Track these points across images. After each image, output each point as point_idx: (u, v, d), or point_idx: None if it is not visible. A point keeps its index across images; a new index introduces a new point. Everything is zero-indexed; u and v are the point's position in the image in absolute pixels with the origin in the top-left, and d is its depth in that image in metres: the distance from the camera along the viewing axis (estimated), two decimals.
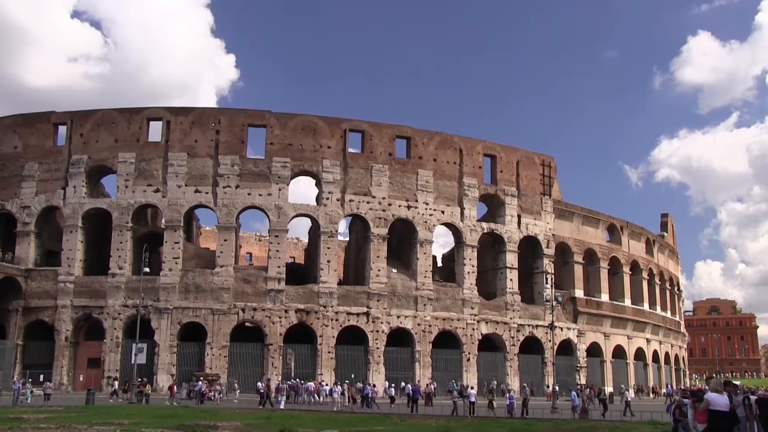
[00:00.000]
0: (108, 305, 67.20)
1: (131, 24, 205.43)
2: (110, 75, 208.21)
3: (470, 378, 70.91)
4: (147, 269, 61.73)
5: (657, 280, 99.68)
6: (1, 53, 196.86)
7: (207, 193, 69.31)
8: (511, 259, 77.95)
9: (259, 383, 55.50)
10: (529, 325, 77.27)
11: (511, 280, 77.37)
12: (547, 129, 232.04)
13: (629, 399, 52.51)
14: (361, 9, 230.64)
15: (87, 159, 70.57)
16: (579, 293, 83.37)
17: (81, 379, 65.30)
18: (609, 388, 78.51)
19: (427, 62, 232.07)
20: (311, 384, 57.57)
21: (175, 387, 57.83)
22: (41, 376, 62.82)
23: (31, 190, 70.91)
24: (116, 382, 59.43)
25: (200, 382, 57.29)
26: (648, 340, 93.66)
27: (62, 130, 72.82)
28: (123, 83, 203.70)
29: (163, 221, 71.96)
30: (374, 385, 61.86)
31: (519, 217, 79.41)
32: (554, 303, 68.82)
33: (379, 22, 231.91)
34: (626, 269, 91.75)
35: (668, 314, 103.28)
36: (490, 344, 75.56)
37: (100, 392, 59.44)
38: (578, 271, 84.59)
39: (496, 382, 63.41)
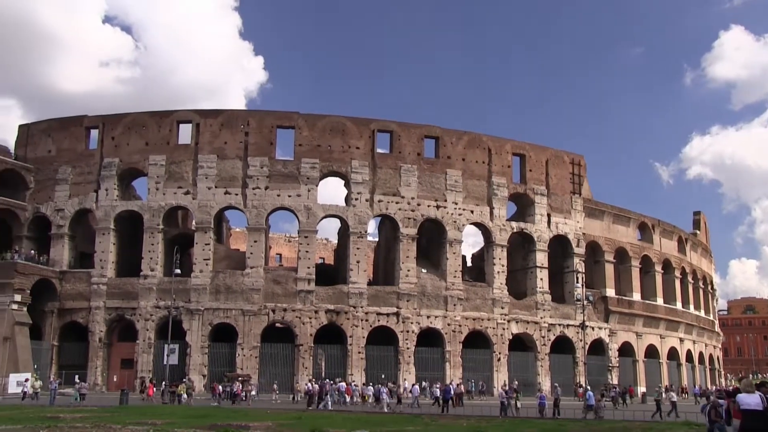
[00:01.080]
0: (140, 307, 67.92)
1: (161, 28, 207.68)
2: (141, 79, 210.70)
3: (501, 378, 70.54)
4: (178, 271, 62.45)
5: (690, 278, 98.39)
6: (36, 60, 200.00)
7: (237, 194, 69.75)
8: (541, 258, 77.44)
9: (308, 384, 55.53)
10: (559, 325, 76.69)
11: (541, 279, 76.86)
12: (577, 127, 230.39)
13: (675, 399, 51.00)
14: (389, 9, 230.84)
15: (118, 162, 71.39)
16: (610, 292, 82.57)
17: (114, 379, 66.08)
18: (642, 388, 77.77)
19: (454, 62, 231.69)
20: (342, 384, 57.62)
21: (219, 387, 57.83)
22: (76, 377, 63.64)
23: (64, 193, 71.93)
24: (164, 382, 59.76)
25: (236, 383, 57.55)
26: (681, 340, 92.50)
27: (94, 133, 73.76)
28: (153, 87, 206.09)
29: (193, 223, 72.56)
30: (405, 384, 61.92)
31: (549, 216, 78.87)
32: (585, 302, 68.55)
33: (407, 22, 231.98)
34: (658, 268, 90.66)
35: (702, 313, 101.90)
36: (520, 344, 75.13)
37: (133, 392, 60.22)
38: (609, 270, 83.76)
39: (517, 382, 62.74)
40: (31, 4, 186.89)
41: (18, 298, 64.63)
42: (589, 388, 53.18)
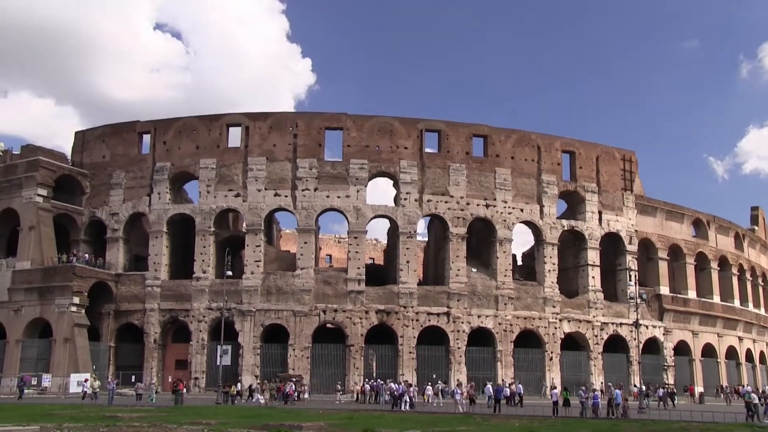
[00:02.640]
0: (193, 308, 68.87)
1: (210, 33, 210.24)
2: (191, 83, 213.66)
3: (554, 377, 69.83)
4: (230, 272, 63.04)
5: (748, 275, 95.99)
6: (90, 68, 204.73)
7: (286, 196, 70.28)
8: (593, 256, 76.40)
9: (392, 384, 55.66)
10: (612, 324, 75.55)
11: (593, 277, 75.83)
12: (627, 123, 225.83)
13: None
14: (436, 8, 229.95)
15: (170, 166, 72.49)
16: (664, 290, 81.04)
17: (170, 379, 67.03)
18: (699, 388, 76.13)
19: (502, 59, 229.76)
20: (393, 385, 57.41)
21: (285, 386, 58.12)
22: (132, 377, 65.02)
23: (118, 197, 73.34)
24: (253, 383, 59.80)
25: (290, 383, 57.88)
26: (740, 339, 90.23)
27: (146, 138, 74.98)
28: (203, 91, 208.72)
29: (244, 225, 73.31)
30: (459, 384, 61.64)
31: (600, 213, 77.77)
32: (638, 300, 67.16)
33: (454, 21, 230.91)
34: (714, 265, 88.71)
35: (762, 311, 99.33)
36: (573, 343, 74.22)
37: (188, 393, 61.16)
38: (663, 267, 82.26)
39: (551, 382, 61.88)
40: (85, 14, 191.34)
41: (76, 300, 66.18)
42: (613, 386, 52.26)
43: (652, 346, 77.93)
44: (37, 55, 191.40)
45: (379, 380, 59.58)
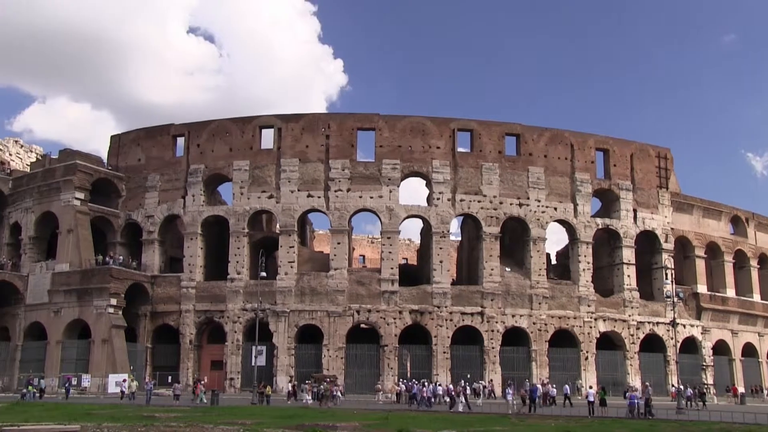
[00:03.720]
0: (228, 309, 69.40)
1: (242, 36, 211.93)
2: (224, 86, 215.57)
3: (589, 377, 69.19)
4: (264, 273, 63.50)
5: None
6: (125, 72, 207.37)
7: (319, 197, 70.53)
8: (628, 254, 75.57)
9: (449, 385, 55.47)
10: (649, 323, 74.67)
11: (628, 276, 75.02)
12: (663, 119, 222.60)
13: None
14: (466, 8, 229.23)
15: (204, 168, 73.15)
16: (702, 289, 79.93)
17: (205, 380, 67.65)
18: (741, 388, 74.83)
19: (533, 57, 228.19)
20: (450, 385, 57.27)
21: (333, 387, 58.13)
22: (169, 378, 65.70)
23: (154, 200, 74.17)
24: (291, 384, 59.68)
25: (323, 383, 57.97)
26: None
27: (180, 141, 75.77)
28: (236, 93, 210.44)
29: (277, 226, 73.71)
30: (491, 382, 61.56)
31: (635, 211, 76.94)
32: (675, 299, 66.24)
33: (484, 20, 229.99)
34: (754, 263, 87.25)
35: None
36: (608, 342, 73.48)
37: (223, 393, 61.70)
38: (700, 265, 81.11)
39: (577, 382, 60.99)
40: (120, 19, 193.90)
41: (114, 302, 67.03)
42: (650, 386, 51.53)
43: (690, 346, 76.88)
44: (73, 61, 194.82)
45: (413, 380, 59.46)
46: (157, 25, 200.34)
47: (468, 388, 55.64)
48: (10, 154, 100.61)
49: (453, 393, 51.51)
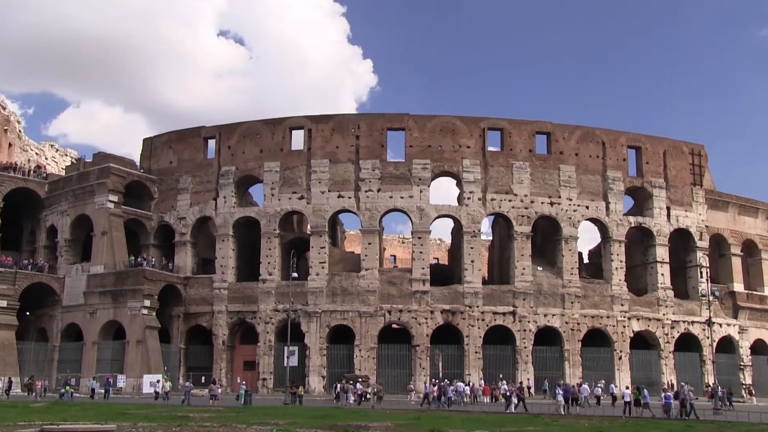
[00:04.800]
0: (260, 310, 69.78)
1: (272, 38, 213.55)
2: (254, 88, 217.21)
3: (623, 377, 68.46)
4: (295, 274, 63.93)
5: None
6: (157, 75, 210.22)
7: (350, 197, 70.67)
8: (662, 253, 74.69)
9: (505, 385, 55.28)
10: (684, 322, 73.69)
11: (662, 274, 74.12)
12: (696, 116, 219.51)
13: None
14: (495, 6, 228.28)
15: (235, 170, 73.65)
16: (738, 287, 78.65)
17: (238, 380, 68.08)
18: None
19: (563, 54, 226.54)
20: (460, 384, 57.17)
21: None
22: (203, 378, 66.23)
23: (185, 202, 74.83)
24: (349, 385, 59.06)
25: (358, 384, 58.03)
26: None
27: (211, 143, 76.31)
28: (266, 95, 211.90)
29: (308, 227, 73.97)
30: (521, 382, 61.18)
31: (668, 209, 76.00)
32: (711, 298, 65.47)
33: (514, 18, 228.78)
34: None
35: None
36: (642, 342, 72.70)
37: (256, 393, 62.09)
38: (736, 263, 79.84)
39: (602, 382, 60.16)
40: (151, 24, 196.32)
41: (147, 303, 67.78)
42: (685, 386, 50.66)
43: (727, 345, 75.76)
44: (106, 66, 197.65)
45: (445, 380, 59.29)
46: (187, 29, 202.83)
47: (524, 388, 55.12)
48: (46, 158, 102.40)
49: (508, 393, 51.07)
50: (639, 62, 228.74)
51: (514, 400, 49.39)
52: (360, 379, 60.92)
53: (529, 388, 63.02)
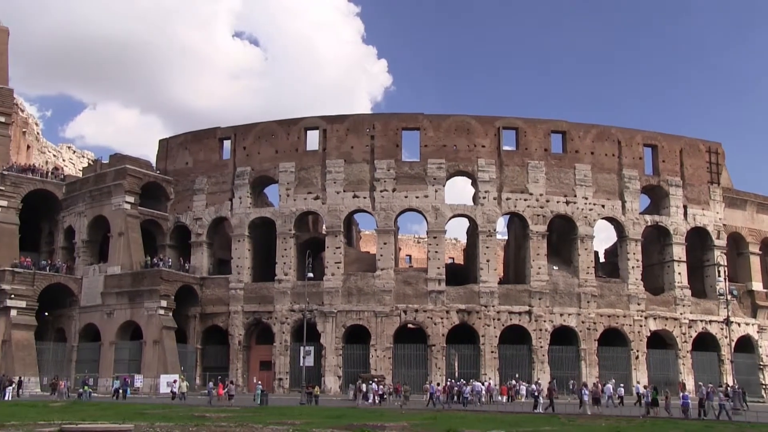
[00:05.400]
0: (276, 310, 69.97)
1: (287, 39, 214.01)
2: (269, 88, 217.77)
3: (640, 377, 68.07)
4: (311, 274, 63.93)
5: None
6: (173, 77, 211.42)
7: (365, 197, 70.71)
8: (679, 251, 74.21)
9: (533, 385, 55.28)
10: (701, 321, 73.20)
11: (679, 273, 73.65)
12: (713, 113, 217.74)
13: None
14: (509, 5, 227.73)
15: (250, 170, 73.86)
16: (757, 286, 78.01)
17: (254, 380, 68.32)
18: None
19: (577, 51, 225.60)
20: (477, 384, 57.02)
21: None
22: (219, 378, 66.38)
23: (201, 202, 75.14)
24: (377, 385, 58.13)
25: (373, 383, 58.04)
26: None
27: (227, 144, 76.61)
28: (281, 96, 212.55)
29: (323, 227, 74.13)
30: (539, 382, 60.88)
31: (685, 207, 75.52)
32: (729, 297, 64.88)
33: (527, 17, 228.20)
34: None
35: None
36: (659, 341, 72.28)
37: (272, 393, 62.25)
38: (755, 262, 79.22)
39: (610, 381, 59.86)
40: (167, 26, 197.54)
41: (164, 303, 68.17)
42: (704, 386, 50.16)
43: (746, 345, 75.13)
44: (122, 68, 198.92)
45: (461, 380, 59.22)
46: (203, 30, 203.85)
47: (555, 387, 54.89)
48: (64, 160, 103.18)
49: (536, 393, 50.81)
50: (655, 60, 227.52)
51: (542, 399, 49.18)
52: (376, 379, 60.93)
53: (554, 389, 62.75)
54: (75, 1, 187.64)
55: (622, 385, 57.89)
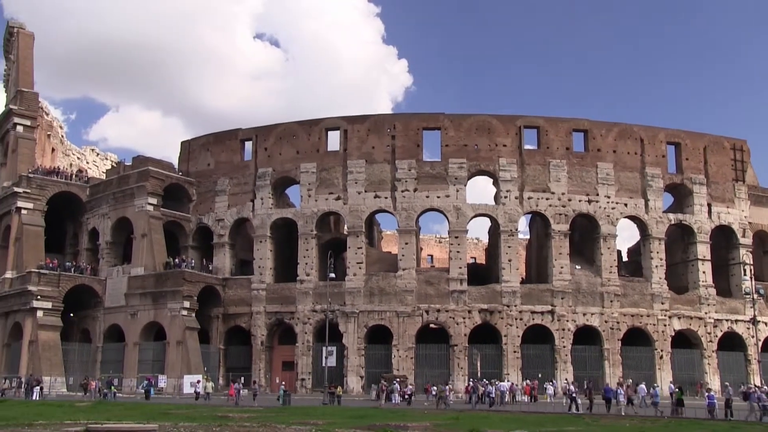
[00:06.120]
0: (298, 311, 70.16)
1: (308, 40, 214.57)
2: (290, 89, 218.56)
3: (665, 377, 67.51)
4: (333, 275, 64.08)
5: None
6: (195, 79, 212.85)
7: (386, 197, 70.71)
8: (703, 250, 73.50)
9: (570, 386, 55.35)
10: (727, 320, 72.39)
11: (703, 272, 72.90)
12: (738, 110, 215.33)
13: None
14: (530, 3, 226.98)
15: (272, 171, 74.13)
16: None
17: (277, 381, 68.61)
18: None
19: (599, 49, 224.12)
20: (502, 384, 56.81)
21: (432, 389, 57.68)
22: (242, 378, 66.74)
23: (223, 203, 75.52)
24: (394, 384, 57.23)
25: (395, 384, 57.90)
26: None
27: (248, 145, 76.91)
28: (302, 97, 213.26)
29: (345, 227, 74.20)
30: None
31: (709, 206, 74.71)
32: (755, 296, 64.24)
33: (549, 14, 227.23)
34: None
35: None
36: (684, 341, 71.59)
37: (295, 394, 62.42)
38: None
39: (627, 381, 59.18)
40: (188, 28, 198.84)
41: (187, 304, 68.66)
42: (730, 386, 49.60)
43: None
44: (144, 71, 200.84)
45: (484, 380, 59.06)
46: (224, 32, 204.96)
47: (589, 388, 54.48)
48: (87, 162, 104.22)
49: (573, 394, 50.53)
50: (678, 57, 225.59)
51: (579, 400, 48.81)
52: (398, 379, 60.89)
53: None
54: (98, 5, 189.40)
55: (656, 385, 56.95)
